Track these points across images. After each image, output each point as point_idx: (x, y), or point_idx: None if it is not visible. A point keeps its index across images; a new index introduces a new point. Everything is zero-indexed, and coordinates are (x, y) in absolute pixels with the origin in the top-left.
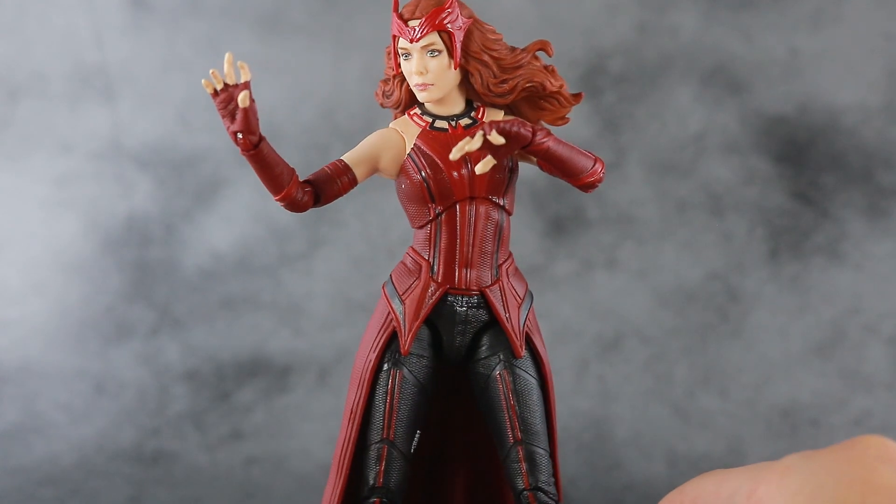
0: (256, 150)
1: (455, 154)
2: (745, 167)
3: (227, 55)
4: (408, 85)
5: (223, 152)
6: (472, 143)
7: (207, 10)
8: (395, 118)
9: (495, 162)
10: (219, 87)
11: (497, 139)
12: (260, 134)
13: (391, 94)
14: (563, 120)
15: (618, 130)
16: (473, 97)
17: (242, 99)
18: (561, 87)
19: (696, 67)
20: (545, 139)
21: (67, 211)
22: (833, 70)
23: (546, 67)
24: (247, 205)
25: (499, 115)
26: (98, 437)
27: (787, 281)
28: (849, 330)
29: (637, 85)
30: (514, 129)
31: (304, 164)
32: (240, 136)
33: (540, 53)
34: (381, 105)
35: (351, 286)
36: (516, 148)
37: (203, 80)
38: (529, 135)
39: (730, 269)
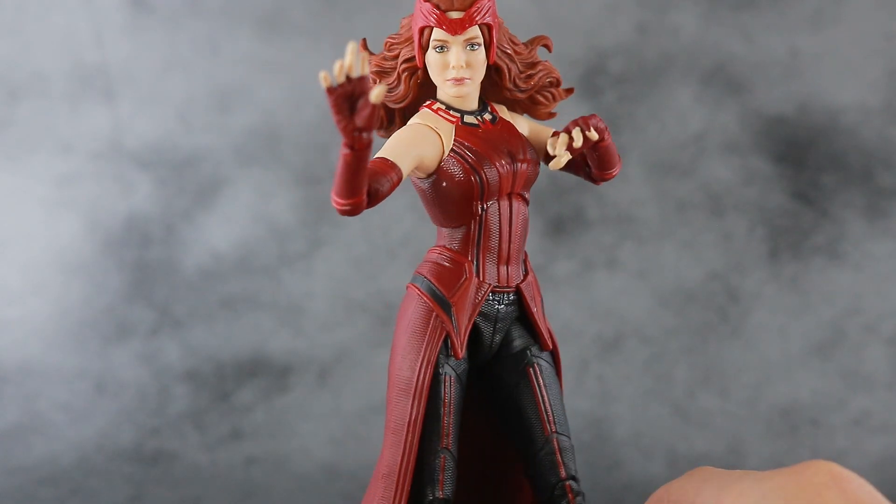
0: (368, 150)
1: (560, 151)
2: (745, 167)
3: (350, 45)
4: (417, 78)
5: (223, 152)
6: (576, 142)
7: (207, 10)
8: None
9: (570, 157)
10: (339, 80)
11: (594, 135)
12: None
13: (395, 88)
14: (551, 115)
15: (618, 130)
16: (484, 93)
17: (378, 94)
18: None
19: (696, 67)
20: (608, 135)
21: (68, 211)
22: (833, 70)
23: (548, 62)
24: (247, 205)
25: (504, 110)
26: (98, 436)
27: (787, 281)
28: (849, 330)
29: (637, 85)
30: (601, 125)
31: (304, 164)
32: (358, 133)
33: (539, 50)
34: None
35: (351, 286)
36: (591, 145)
37: (322, 73)
38: (605, 130)
39: (730, 269)
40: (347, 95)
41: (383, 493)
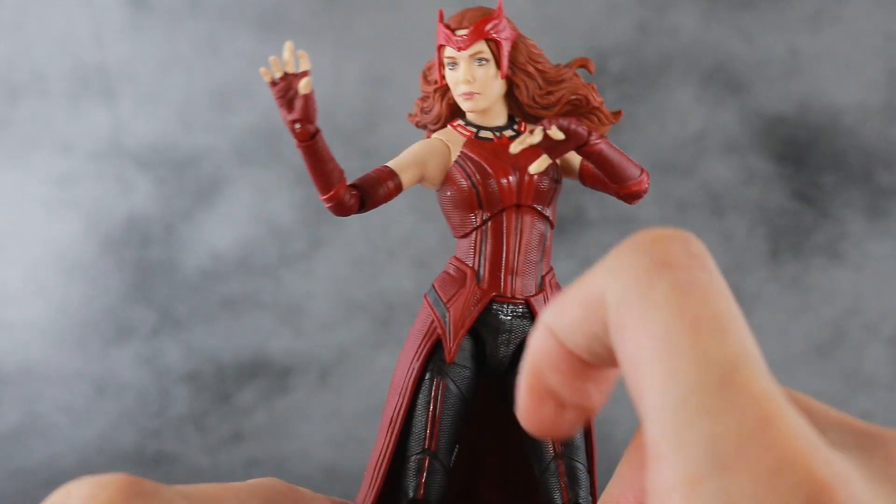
0: (313, 140)
1: (516, 147)
2: (745, 167)
3: (287, 43)
4: (449, 99)
5: (223, 152)
6: (533, 138)
7: (207, 10)
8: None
9: (550, 161)
10: (278, 75)
11: (557, 134)
12: (317, 125)
13: (430, 110)
14: (601, 137)
15: (618, 130)
16: (515, 112)
17: (304, 85)
18: (601, 103)
19: (696, 67)
20: (599, 140)
21: (68, 211)
22: (833, 70)
23: (587, 84)
24: (247, 205)
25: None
26: (99, 438)
27: (787, 281)
28: (849, 330)
29: (637, 85)
30: (573, 126)
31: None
32: (298, 126)
33: (580, 71)
34: (417, 124)
35: (351, 286)
36: (572, 147)
37: (261, 69)
38: (586, 134)
39: (730, 269)
40: (286, 89)
41: (361, 486)
